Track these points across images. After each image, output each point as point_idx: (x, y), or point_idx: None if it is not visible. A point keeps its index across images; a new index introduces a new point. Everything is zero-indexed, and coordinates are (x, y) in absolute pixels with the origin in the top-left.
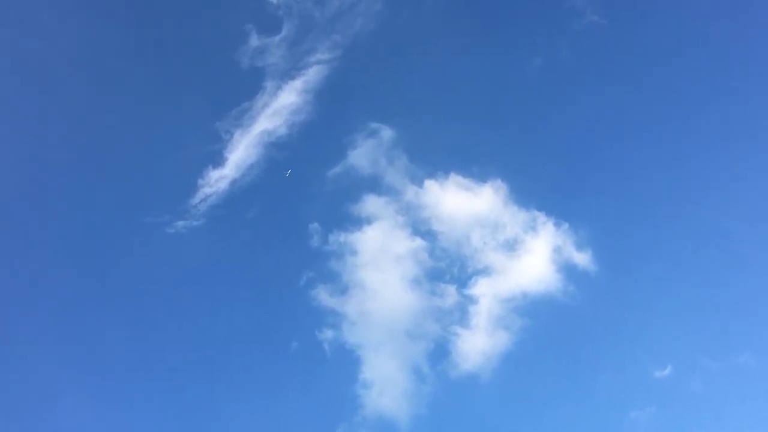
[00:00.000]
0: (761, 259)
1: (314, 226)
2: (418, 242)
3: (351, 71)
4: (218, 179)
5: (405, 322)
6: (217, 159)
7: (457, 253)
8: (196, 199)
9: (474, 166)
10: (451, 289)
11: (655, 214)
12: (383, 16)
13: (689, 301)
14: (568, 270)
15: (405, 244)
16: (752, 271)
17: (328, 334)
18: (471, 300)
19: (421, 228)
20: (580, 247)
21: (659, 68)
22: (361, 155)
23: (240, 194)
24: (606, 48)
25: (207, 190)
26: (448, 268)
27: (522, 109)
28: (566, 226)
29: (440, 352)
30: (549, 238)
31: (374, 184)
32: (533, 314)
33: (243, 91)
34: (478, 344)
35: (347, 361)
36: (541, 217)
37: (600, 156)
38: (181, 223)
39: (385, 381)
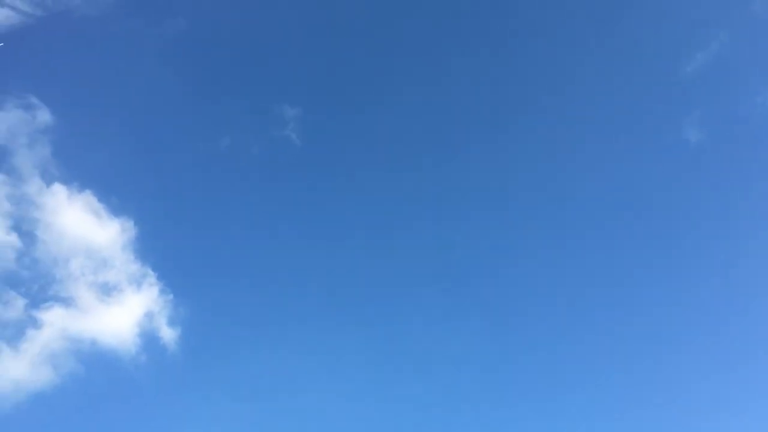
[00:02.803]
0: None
1: None
2: (12, 239)
3: (39, 37)
4: None
5: None
6: None
7: (48, 270)
8: None
9: (115, 195)
10: (20, 303)
11: (260, 324)
12: (110, 6)
13: None
14: (150, 339)
15: None
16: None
17: None
18: (35, 323)
19: (24, 226)
20: (172, 322)
21: (326, 200)
22: (1, 121)
23: None
24: (289, 163)
25: None
26: (28, 280)
27: (189, 173)
28: (170, 297)
29: None
30: (148, 300)
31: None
32: (91, 366)
33: None
34: (16, 370)
35: None
36: (151, 277)
37: (236, 254)
38: None
39: None
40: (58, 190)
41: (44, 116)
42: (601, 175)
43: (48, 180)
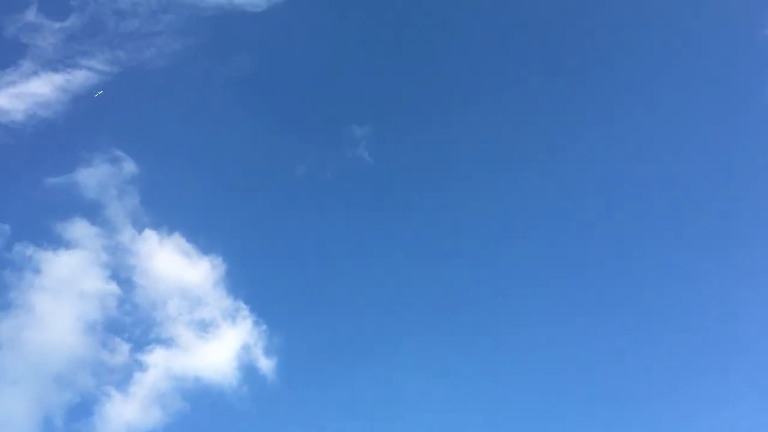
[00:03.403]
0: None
1: (4, 227)
2: (113, 287)
3: (117, 92)
4: None
5: (59, 365)
6: None
7: (148, 314)
8: None
9: (202, 235)
10: (124, 348)
11: (350, 348)
12: (177, 57)
13: None
14: (249, 371)
15: (97, 284)
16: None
17: None
18: (141, 366)
19: (121, 274)
20: (269, 353)
21: (405, 213)
22: (91, 176)
23: None
24: (365, 181)
25: None
26: (130, 326)
27: (270, 205)
28: (264, 328)
29: (83, 409)
30: (243, 333)
31: (92, 212)
32: (196, 402)
33: None
34: (126, 413)
35: None
36: (244, 310)
37: (323, 280)
38: None
39: (5, 422)
40: (149, 235)
41: (130, 167)
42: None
43: (139, 227)
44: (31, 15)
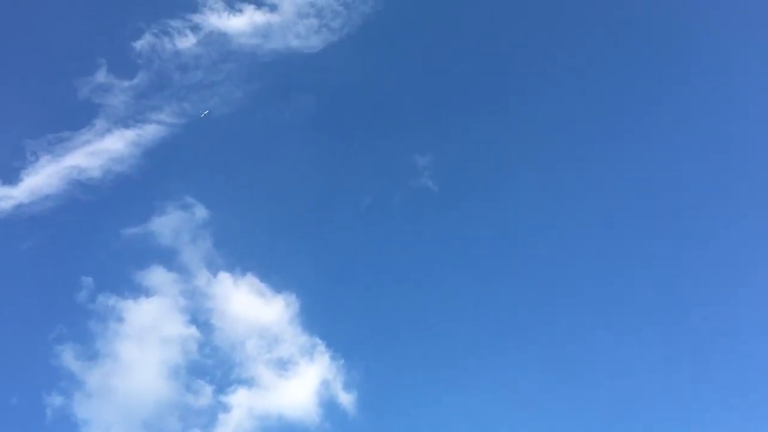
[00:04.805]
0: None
1: (87, 279)
2: (192, 331)
3: (187, 143)
4: (3, 197)
5: (147, 410)
6: (10, 176)
7: (228, 356)
8: None
9: (275, 273)
10: (208, 390)
11: (429, 378)
12: (240, 103)
13: None
14: (330, 406)
15: (178, 328)
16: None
17: (57, 399)
18: (224, 407)
19: (200, 317)
20: (348, 387)
21: (473, 241)
22: (165, 224)
23: (23, 221)
24: (430, 210)
25: None
26: (212, 368)
27: (338, 240)
28: (342, 362)
29: None
30: (322, 369)
31: (168, 258)
32: None
33: (69, 119)
34: None
35: None
36: (321, 346)
37: (397, 310)
38: None
39: None
40: (224, 278)
41: (201, 212)
42: None
43: (213, 270)
44: (101, 76)
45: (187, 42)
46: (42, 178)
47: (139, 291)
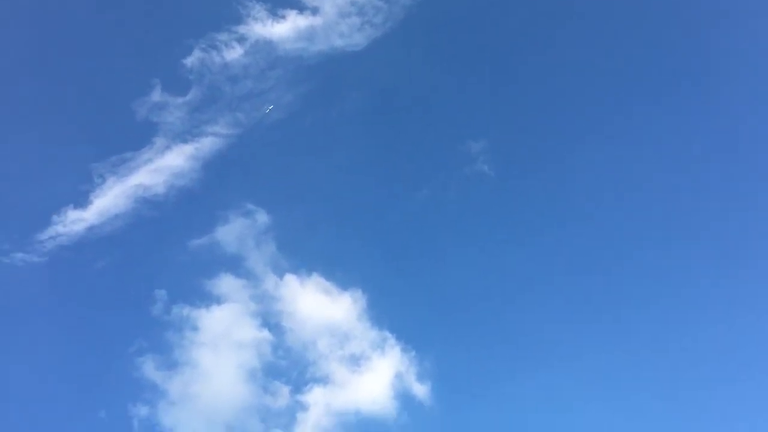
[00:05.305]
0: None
1: (160, 292)
2: (265, 334)
3: (243, 151)
4: (76, 220)
5: (228, 414)
6: (80, 200)
7: (301, 355)
8: (44, 235)
9: (339, 271)
10: (285, 390)
11: (501, 360)
12: (291, 107)
13: None
14: (405, 398)
15: (251, 332)
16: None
17: (142, 410)
18: (302, 406)
19: (271, 320)
20: (421, 377)
21: (535, 224)
22: (229, 233)
23: (94, 242)
24: (489, 196)
25: (60, 229)
26: (287, 369)
27: (398, 233)
28: (413, 353)
29: None
30: (394, 361)
31: (235, 265)
32: None
33: (130, 140)
34: None
35: None
36: (391, 339)
37: (462, 297)
38: (19, 255)
39: None
40: (290, 279)
41: (262, 217)
42: None
43: (279, 273)
44: (156, 95)
45: (234, 53)
46: (110, 199)
47: (210, 299)
